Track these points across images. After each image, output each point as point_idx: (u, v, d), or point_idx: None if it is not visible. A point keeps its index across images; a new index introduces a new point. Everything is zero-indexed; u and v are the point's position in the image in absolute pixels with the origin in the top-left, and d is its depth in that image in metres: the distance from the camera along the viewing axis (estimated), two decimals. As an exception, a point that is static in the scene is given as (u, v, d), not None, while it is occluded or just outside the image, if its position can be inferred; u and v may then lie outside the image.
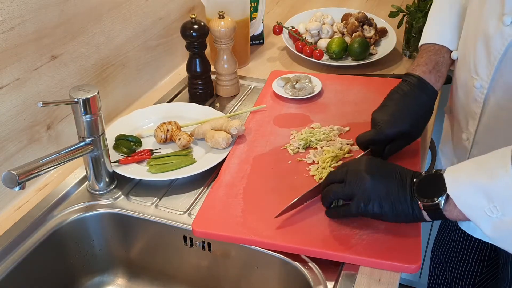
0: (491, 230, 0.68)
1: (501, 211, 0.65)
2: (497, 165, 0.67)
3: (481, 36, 0.82)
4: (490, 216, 0.67)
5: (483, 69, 0.83)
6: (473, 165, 0.71)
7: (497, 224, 0.67)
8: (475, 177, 0.69)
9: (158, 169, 1.00)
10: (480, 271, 1.18)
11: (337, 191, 0.82)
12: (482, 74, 0.83)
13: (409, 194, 0.76)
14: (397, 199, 0.76)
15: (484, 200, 0.67)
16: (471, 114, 0.90)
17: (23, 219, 0.92)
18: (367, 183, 0.78)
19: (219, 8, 1.23)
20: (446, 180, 0.71)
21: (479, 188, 0.67)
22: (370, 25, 1.44)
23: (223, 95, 1.27)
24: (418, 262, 0.79)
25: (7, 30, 0.88)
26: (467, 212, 0.70)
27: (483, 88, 0.84)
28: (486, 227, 0.68)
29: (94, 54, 1.09)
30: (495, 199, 0.66)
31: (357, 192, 0.79)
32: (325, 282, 0.80)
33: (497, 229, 0.67)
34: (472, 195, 0.68)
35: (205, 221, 0.88)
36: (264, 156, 1.03)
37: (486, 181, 0.67)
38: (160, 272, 1.00)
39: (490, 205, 0.66)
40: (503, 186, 0.65)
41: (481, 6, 0.83)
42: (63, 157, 0.86)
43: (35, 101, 0.96)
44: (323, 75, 1.31)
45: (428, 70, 0.93)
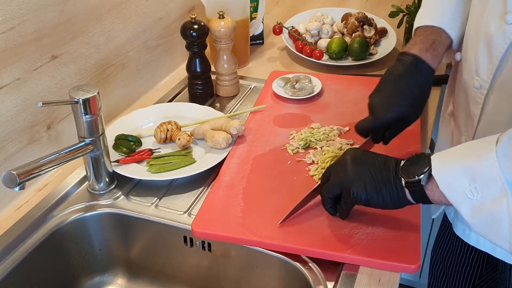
0: (470, 214, 0.68)
1: (481, 193, 0.66)
2: (483, 147, 0.67)
3: (483, 36, 0.81)
4: (470, 199, 0.67)
5: (484, 69, 0.82)
6: (460, 148, 0.72)
7: (476, 208, 0.67)
8: (461, 158, 0.69)
9: (158, 169, 1.00)
10: (479, 273, 1.18)
11: (327, 187, 0.83)
12: (482, 74, 0.83)
13: (392, 173, 0.76)
14: (381, 180, 0.76)
15: (466, 180, 0.67)
16: (471, 116, 0.89)
17: (23, 219, 0.92)
18: (348, 168, 0.78)
19: (219, 8, 1.23)
20: (432, 161, 0.72)
21: (463, 168, 0.68)
22: (370, 25, 1.44)
23: (223, 95, 1.27)
24: (417, 262, 0.79)
25: (7, 30, 0.88)
26: (447, 193, 0.70)
27: (483, 88, 0.83)
28: (466, 210, 0.68)
29: (94, 54, 1.09)
30: (478, 179, 0.66)
31: (342, 181, 0.80)
32: (325, 282, 0.80)
33: (476, 214, 0.67)
34: (454, 176, 0.68)
35: (205, 221, 0.88)
36: (264, 156, 1.04)
37: (471, 161, 0.67)
38: (160, 272, 1.00)
39: (471, 187, 0.66)
40: (486, 167, 0.65)
41: (483, 6, 0.82)
42: (63, 157, 0.86)
43: (35, 101, 0.96)
44: (323, 75, 1.31)
45: (425, 48, 0.89)
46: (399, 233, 0.83)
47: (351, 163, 0.79)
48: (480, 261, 1.16)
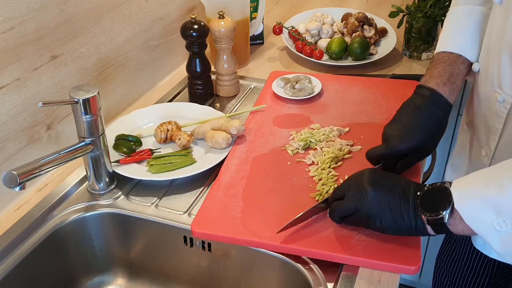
0: (500, 245, 0.66)
1: (510, 225, 0.64)
2: (505, 177, 0.65)
3: (506, 48, 0.78)
4: (499, 231, 0.65)
5: (507, 82, 0.79)
6: (480, 178, 0.69)
7: (506, 239, 0.65)
8: (483, 191, 0.67)
9: (158, 169, 1.00)
10: (487, 281, 1.16)
11: (340, 208, 0.80)
12: (506, 88, 0.80)
13: (412, 208, 0.74)
14: (399, 214, 0.74)
15: (492, 214, 0.65)
16: (492, 129, 0.86)
17: (23, 219, 0.92)
18: (368, 197, 0.75)
19: (219, 8, 1.23)
20: (453, 194, 0.69)
21: (487, 201, 0.66)
22: (370, 25, 1.44)
23: (223, 95, 1.27)
24: (417, 263, 0.79)
25: (7, 30, 0.88)
26: (474, 227, 0.68)
27: (507, 102, 0.81)
28: (495, 242, 0.67)
29: (94, 54, 1.09)
30: (504, 212, 0.64)
31: (358, 209, 0.77)
32: (325, 283, 0.80)
33: (506, 244, 0.66)
34: (480, 209, 0.66)
35: (204, 221, 0.88)
36: (264, 156, 1.04)
37: (495, 194, 0.65)
38: (160, 272, 1.00)
39: (499, 219, 0.65)
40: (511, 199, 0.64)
41: (506, 15, 0.79)
42: (63, 157, 0.86)
43: (35, 101, 0.96)
44: (323, 76, 1.31)
45: (442, 82, 0.87)
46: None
47: (372, 190, 0.76)
48: (489, 269, 1.15)
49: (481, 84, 0.87)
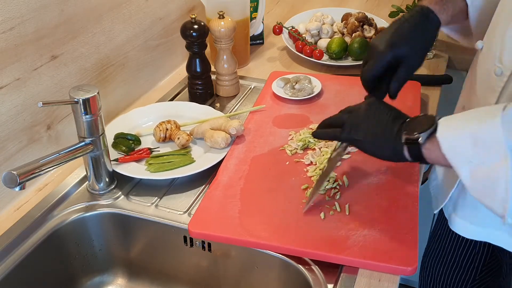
0: (469, 177, 0.69)
1: (482, 157, 0.68)
2: (489, 112, 0.69)
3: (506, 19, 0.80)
4: (471, 161, 0.68)
5: (508, 56, 0.81)
6: (467, 113, 0.74)
7: (475, 171, 0.68)
8: (466, 122, 0.71)
9: (157, 168, 1.00)
10: (474, 277, 1.17)
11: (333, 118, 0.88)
12: (506, 61, 0.81)
13: (396, 127, 0.78)
14: (384, 130, 0.79)
15: (469, 144, 0.68)
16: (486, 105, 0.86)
17: (23, 219, 0.92)
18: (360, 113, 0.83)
19: (219, 8, 1.23)
20: (439, 123, 0.73)
21: (466, 132, 0.69)
22: (370, 25, 1.44)
23: (223, 95, 1.27)
24: (414, 264, 0.79)
25: (7, 30, 0.88)
26: (450, 156, 0.71)
27: (504, 75, 0.82)
28: (465, 173, 0.70)
29: (94, 54, 1.09)
30: (480, 143, 0.68)
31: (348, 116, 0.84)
32: (325, 283, 0.81)
33: (474, 177, 0.69)
34: (458, 139, 0.70)
35: (202, 221, 0.89)
36: (263, 156, 1.04)
37: (475, 125, 0.69)
38: (160, 272, 1.00)
39: (473, 150, 0.68)
40: (489, 131, 0.67)
41: None
42: (63, 157, 0.86)
43: (35, 101, 0.96)
44: (323, 76, 1.31)
45: (434, 1, 0.91)
46: (396, 235, 0.83)
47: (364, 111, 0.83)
48: (476, 264, 1.15)
49: (482, 61, 0.89)
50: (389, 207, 0.89)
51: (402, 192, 0.93)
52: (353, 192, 0.93)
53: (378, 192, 0.93)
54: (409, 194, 0.92)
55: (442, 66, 1.37)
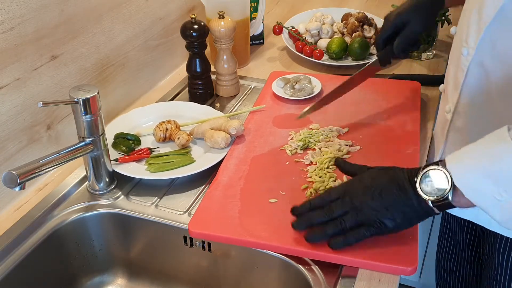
0: (499, 214, 0.69)
1: (510, 193, 0.67)
2: (499, 146, 0.68)
3: (476, 5, 0.84)
4: (499, 200, 0.67)
5: (472, 36, 0.85)
6: (474, 151, 0.72)
7: (505, 207, 0.68)
8: (479, 163, 0.69)
9: (157, 168, 1.00)
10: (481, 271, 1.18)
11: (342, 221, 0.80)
12: (470, 41, 0.85)
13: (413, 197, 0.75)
14: (403, 208, 0.76)
15: (491, 185, 0.67)
16: (456, 84, 0.91)
17: (23, 219, 0.92)
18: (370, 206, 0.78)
19: (219, 8, 1.23)
20: (451, 171, 0.72)
21: (484, 173, 0.68)
22: (370, 25, 1.44)
23: (223, 95, 1.27)
24: (414, 264, 0.79)
25: (7, 30, 0.88)
26: (475, 200, 0.70)
27: (469, 55, 0.86)
28: (495, 212, 0.69)
29: (94, 54, 1.09)
30: (501, 181, 0.67)
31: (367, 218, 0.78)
32: (325, 283, 0.80)
33: (505, 212, 0.68)
34: (479, 182, 0.69)
35: (202, 221, 0.88)
36: (262, 156, 1.04)
37: (491, 165, 0.68)
38: (160, 272, 1.00)
39: (498, 189, 0.67)
40: (507, 167, 0.67)
41: None
42: (63, 157, 0.86)
43: (35, 101, 0.96)
44: (323, 76, 1.31)
45: None
46: (396, 235, 0.83)
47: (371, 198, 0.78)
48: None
49: (454, 44, 0.95)
50: (389, 207, 0.89)
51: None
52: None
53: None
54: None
55: (442, 66, 1.37)
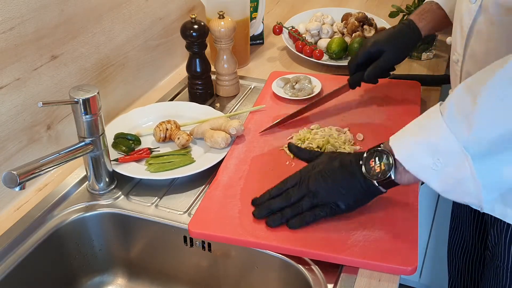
0: (438, 184, 0.74)
1: (445, 163, 0.72)
2: (431, 121, 0.74)
3: (458, 17, 0.94)
4: (435, 170, 0.73)
5: (459, 45, 0.94)
6: (412, 126, 0.78)
7: (442, 177, 0.73)
8: (416, 137, 0.75)
9: (157, 168, 1.00)
10: None
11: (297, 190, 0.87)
12: (458, 49, 0.94)
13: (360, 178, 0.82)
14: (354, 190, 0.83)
15: (428, 156, 0.73)
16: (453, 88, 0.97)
17: (23, 219, 0.92)
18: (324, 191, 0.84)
19: (219, 8, 1.23)
20: (393, 147, 0.77)
21: (421, 146, 0.74)
22: (370, 25, 1.44)
23: (223, 95, 1.27)
24: (414, 264, 0.79)
25: (7, 30, 0.88)
26: (415, 172, 0.75)
27: (459, 61, 0.94)
28: (433, 182, 0.74)
29: (94, 54, 1.09)
30: (438, 152, 0.72)
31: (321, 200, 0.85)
32: (325, 283, 0.81)
33: (443, 182, 0.73)
34: (417, 155, 0.74)
35: (202, 221, 0.88)
36: (262, 156, 1.04)
37: (425, 138, 0.74)
38: (160, 272, 1.00)
39: (434, 160, 0.72)
40: (442, 139, 0.71)
41: None
42: (63, 157, 0.86)
43: (35, 101, 0.96)
44: (323, 76, 1.31)
45: (415, 14, 1.12)
46: (396, 235, 0.83)
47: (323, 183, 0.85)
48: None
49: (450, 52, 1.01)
50: (389, 207, 0.89)
51: (402, 192, 0.92)
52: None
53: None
54: (409, 194, 0.92)
55: (442, 66, 1.37)
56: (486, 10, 0.85)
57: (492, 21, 0.84)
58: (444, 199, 1.68)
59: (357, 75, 1.12)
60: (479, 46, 0.89)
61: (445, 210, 1.66)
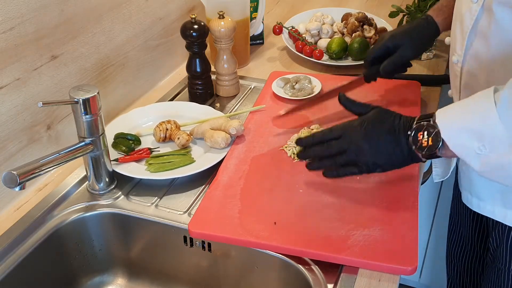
0: (479, 166, 0.76)
1: (489, 149, 0.73)
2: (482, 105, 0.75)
3: (458, 17, 0.93)
4: (479, 154, 0.74)
5: (458, 44, 0.93)
6: (461, 107, 0.79)
7: (484, 160, 0.75)
8: (464, 119, 0.77)
9: (157, 168, 1.00)
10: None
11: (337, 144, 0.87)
12: (458, 49, 0.94)
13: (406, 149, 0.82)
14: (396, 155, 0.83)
15: (475, 141, 0.74)
16: (455, 89, 1.00)
17: (23, 219, 0.92)
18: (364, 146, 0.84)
19: (219, 8, 1.23)
20: (439, 125, 0.78)
21: (468, 129, 0.75)
22: (370, 25, 1.44)
23: (223, 95, 1.27)
24: (414, 264, 0.79)
25: (7, 30, 0.88)
26: (459, 152, 0.77)
27: (459, 62, 0.94)
28: (475, 164, 0.76)
29: (94, 54, 1.09)
30: (484, 139, 0.74)
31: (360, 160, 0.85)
32: (325, 283, 0.81)
33: (484, 164, 0.75)
34: (463, 137, 0.76)
35: (202, 221, 0.89)
36: (262, 156, 1.04)
37: (474, 122, 0.75)
38: (160, 272, 1.00)
39: (479, 145, 0.74)
40: (491, 127, 0.73)
41: None
42: (63, 157, 0.86)
43: (35, 101, 0.96)
44: (323, 76, 1.31)
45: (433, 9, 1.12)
46: (396, 235, 0.83)
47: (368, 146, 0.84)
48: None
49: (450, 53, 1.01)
50: (389, 207, 0.89)
51: (402, 192, 0.93)
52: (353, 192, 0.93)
53: (378, 191, 0.93)
54: (409, 194, 0.92)
55: (442, 66, 1.37)
56: (489, 9, 0.84)
57: (495, 20, 0.84)
58: (444, 199, 1.69)
59: (373, 68, 1.11)
60: (481, 46, 0.89)
61: (445, 210, 1.66)
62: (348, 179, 0.96)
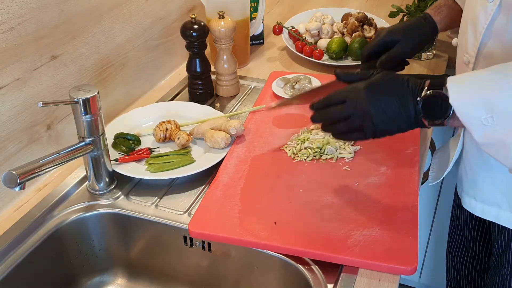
0: (481, 137, 0.74)
1: (497, 122, 0.72)
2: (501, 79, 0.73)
3: (470, 17, 0.91)
4: (485, 125, 0.73)
5: (471, 45, 0.91)
6: (477, 75, 0.77)
7: (488, 133, 0.73)
8: (478, 89, 0.74)
9: (157, 168, 1.00)
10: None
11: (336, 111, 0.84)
12: (470, 50, 0.91)
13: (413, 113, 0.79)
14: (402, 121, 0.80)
15: (483, 110, 0.72)
16: None
17: (23, 219, 0.92)
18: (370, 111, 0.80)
19: (219, 8, 1.23)
20: (450, 90, 0.75)
21: (480, 99, 0.73)
22: (370, 25, 1.44)
23: (223, 95, 1.27)
24: (414, 264, 0.79)
25: (7, 30, 0.88)
26: (464, 120, 0.75)
27: (470, 63, 0.92)
28: (478, 134, 0.74)
29: (94, 54, 1.09)
30: (494, 110, 0.72)
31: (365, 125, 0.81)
32: (325, 283, 0.81)
33: (487, 137, 0.74)
34: (473, 106, 0.73)
35: (202, 221, 0.89)
36: (262, 156, 1.04)
37: (487, 93, 0.73)
38: (160, 272, 1.00)
39: (487, 115, 0.72)
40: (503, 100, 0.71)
41: None
42: (63, 157, 0.86)
43: (35, 101, 0.96)
44: (323, 76, 1.31)
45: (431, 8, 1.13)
46: (396, 235, 0.83)
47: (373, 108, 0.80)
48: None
49: (457, 54, 0.99)
50: (389, 207, 0.89)
51: (402, 192, 0.93)
52: (353, 192, 0.93)
53: (378, 191, 0.93)
54: (409, 194, 0.92)
55: (442, 66, 1.37)
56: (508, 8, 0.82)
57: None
58: (444, 199, 1.68)
59: (369, 64, 1.09)
60: (496, 46, 0.86)
61: (445, 210, 1.66)
62: (348, 179, 0.96)
